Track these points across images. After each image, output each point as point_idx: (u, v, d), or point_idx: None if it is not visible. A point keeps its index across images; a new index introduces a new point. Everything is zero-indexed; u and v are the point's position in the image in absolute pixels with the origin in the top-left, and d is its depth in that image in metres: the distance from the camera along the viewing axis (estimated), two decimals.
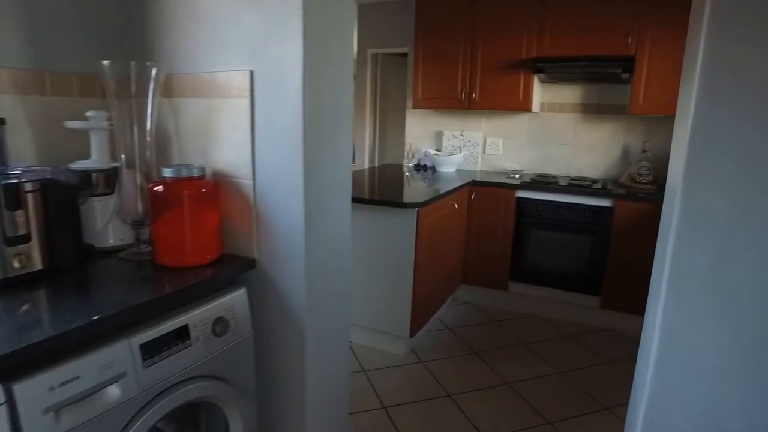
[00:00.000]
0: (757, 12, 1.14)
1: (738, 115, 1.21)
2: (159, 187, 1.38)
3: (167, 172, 1.38)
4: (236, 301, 1.43)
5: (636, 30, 3.26)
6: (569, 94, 3.85)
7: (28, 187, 1.23)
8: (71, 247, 1.35)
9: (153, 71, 1.42)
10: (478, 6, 3.66)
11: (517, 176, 3.83)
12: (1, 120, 1.32)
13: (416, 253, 2.73)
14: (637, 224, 3.20)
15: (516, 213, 3.51)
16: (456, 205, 3.30)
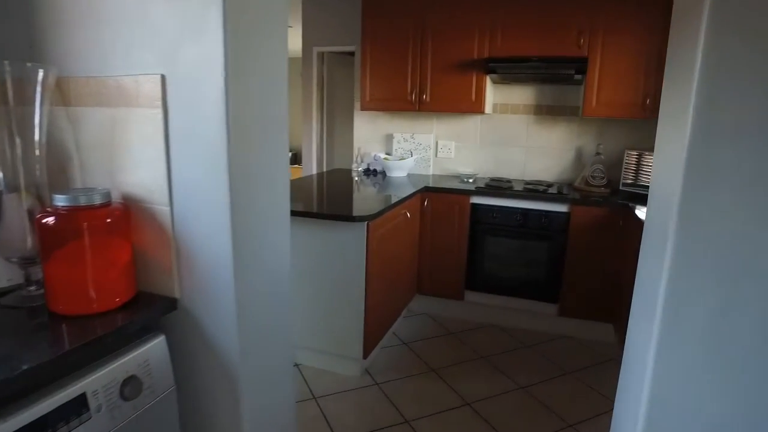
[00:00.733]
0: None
1: (750, 128, 1.04)
2: (49, 218, 1.12)
3: (60, 200, 1.12)
4: (153, 352, 1.19)
5: (588, 30, 3.18)
6: (522, 95, 3.75)
7: None
8: None
9: (39, 74, 1.15)
10: (427, 3, 3.50)
11: (471, 180, 3.70)
12: None
13: (367, 268, 2.53)
14: (593, 229, 3.13)
15: (471, 220, 3.37)
16: (408, 214, 3.12)
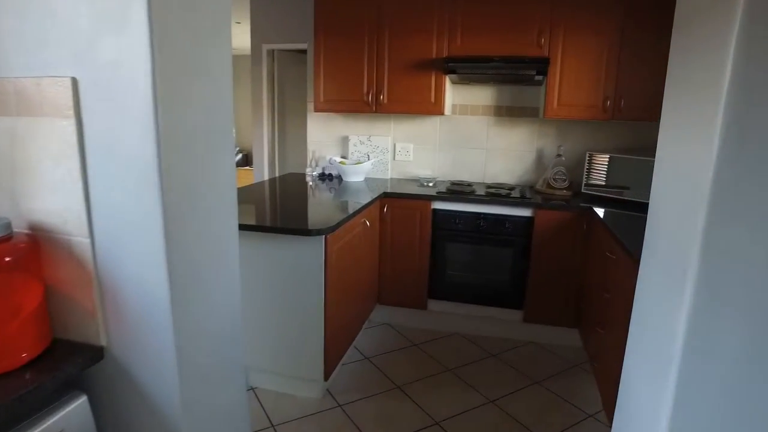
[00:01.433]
0: None
1: None
2: None
3: None
4: (71, 418, 0.97)
5: (548, 30, 3.10)
6: (481, 95, 3.65)
7: None
8: None
9: None
10: (383, 0, 3.33)
11: (431, 184, 3.57)
12: None
13: (326, 284, 2.35)
14: (557, 233, 3.06)
15: (433, 226, 3.24)
16: (368, 223, 2.95)
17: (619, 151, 3.23)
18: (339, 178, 3.81)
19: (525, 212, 3.09)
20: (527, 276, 3.16)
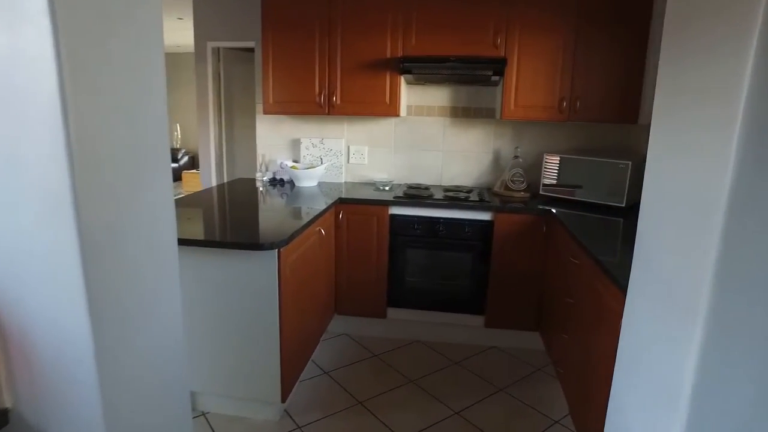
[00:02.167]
0: None
1: None
2: None
3: None
4: None
5: (504, 30, 3.04)
6: (437, 96, 3.56)
7: None
8: None
9: None
10: None
11: (387, 188, 3.46)
12: None
13: (281, 300, 2.19)
14: (517, 236, 3.00)
15: (390, 232, 3.12)
16: (323, 231, 2.80)
17: (576, 152, 3.21)
18: (291, 183, 3.63)
19: (484, 216, 3.02)
20: (488, 280, 3.10)
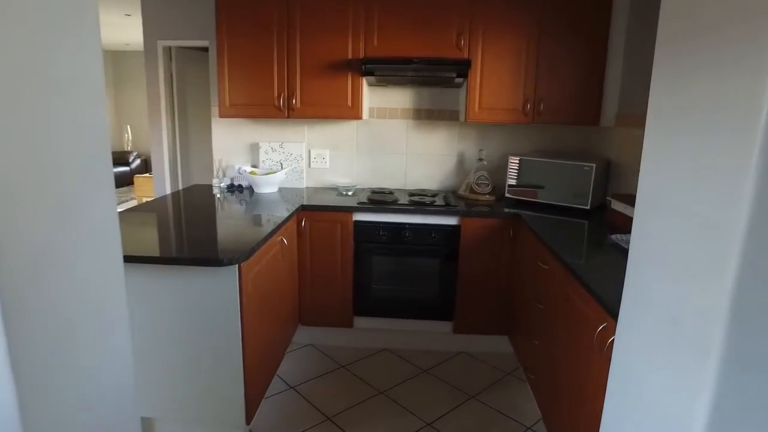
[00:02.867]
0: None
1: None
2: None
3: None
4: None
5: (467, 31, 3.00)
6: (399, 98, 3.49)
7: None
8: None
9: None
10: None
11: (350, 192, 3.37)
12: None
13: (242, 317, 2.07)
14: (484, 240, 2.97)
15: (355, 239, 3.03)
16: (285, 241, 2.69)
17: (540, 154, 3.21)
18: (250, 189, 3.49)
19: (451, 220, 2.97)
20: (456, 286, 3.05)
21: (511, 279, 3.00)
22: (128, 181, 9.13)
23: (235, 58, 3.16)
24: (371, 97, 3.49)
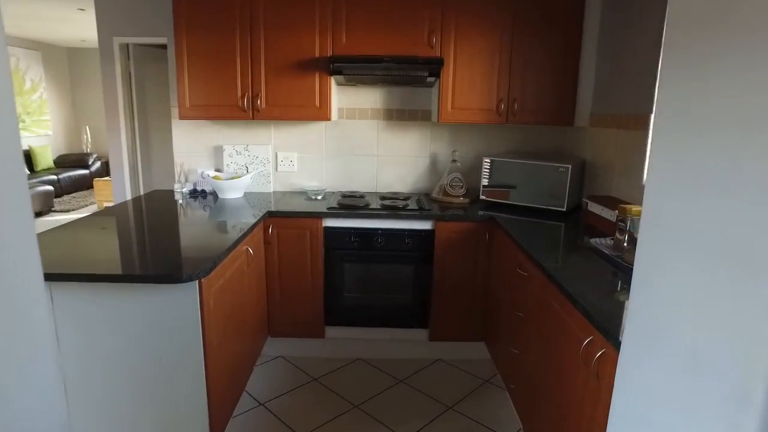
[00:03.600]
0: None
1: None
2: None
3: None
4: None
5: (439, 29, 2.90)
6: (369, 98, 3.37)
7: None
8: None
9: None
10: None
11: (320, 197, 3.23)
12: None
13: (205, 336, 1.92)
14: (458, 245, 2.88)
15: (325, 246, 2.90)
16: (251, 251, 2.54)
17: (515, 155, 3.13)
18: (214, 194, 3.32)
19: (425, 225, 2.87)
20: (431, 292, 2.95)
21: (487, 284, 2.92)
22: (88, 184, 8.75)
23: (195, 55, 2.98)
24: (340, 97, 3.36)
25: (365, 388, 2.80)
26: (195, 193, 3.34)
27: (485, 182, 3.07)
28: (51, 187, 7.21)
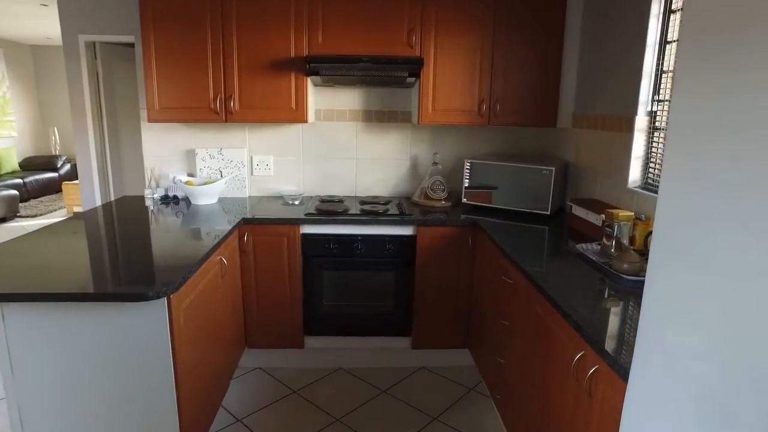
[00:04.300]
0: None
1: None
2: None
3: None
4: None
5: (419, 28, 2.81)
6: (348, 99, 3.27)
7: None
8: None
9: None
10: None
11: (297, 201, 3.12)
12: None
13: (174, 353, 1.80)
14: (441, 251, 2.80)
15: (303, 254, 2.80)
16: (225, 261, 2.43)
17: (497, 157, 3.07)
18: (187, 200, 3.18)
19: (406, 230, 2.79)
20: (413, 300, 2.87)
21: (471, 290, 2.85)
22: (56, 188, 8.46)
23: (165, 55, 2.84)
24: (317, 98, 3.25)
25: (347, 399, 2.71)
26: (167, 199, 3.20)
27: (467, 185, 3.00)
28: (16, 192, 6.93)
